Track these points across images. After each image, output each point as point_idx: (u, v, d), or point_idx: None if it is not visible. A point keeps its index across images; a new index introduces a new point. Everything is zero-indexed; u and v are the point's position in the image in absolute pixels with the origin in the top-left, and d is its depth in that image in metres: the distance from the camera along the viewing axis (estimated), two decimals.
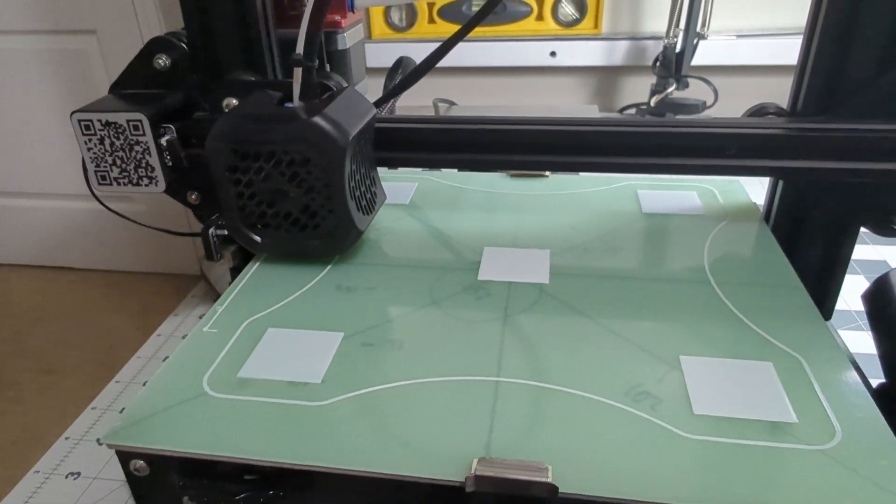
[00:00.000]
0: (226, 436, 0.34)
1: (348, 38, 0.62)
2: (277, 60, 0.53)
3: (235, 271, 0.58)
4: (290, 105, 0.47)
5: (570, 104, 1.26)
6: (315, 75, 0.47)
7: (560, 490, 0.30)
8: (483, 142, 0.51)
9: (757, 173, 0.49)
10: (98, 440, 0.54)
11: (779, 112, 0.50)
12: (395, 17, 1.23)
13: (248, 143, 0.45)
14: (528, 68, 1.25)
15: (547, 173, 0.63)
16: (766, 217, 0.55)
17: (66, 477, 0.52)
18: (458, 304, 0.45)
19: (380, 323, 0.43)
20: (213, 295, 0.86)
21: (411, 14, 1.23)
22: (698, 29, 1.10)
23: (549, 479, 0.31)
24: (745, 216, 0.55)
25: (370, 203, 0.51)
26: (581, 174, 0.67)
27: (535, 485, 0.31)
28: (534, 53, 1.22)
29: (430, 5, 1.21)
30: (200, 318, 0.46)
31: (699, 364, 0.38)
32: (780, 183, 0.53)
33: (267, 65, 0.52)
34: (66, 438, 0.57)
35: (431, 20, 1.23)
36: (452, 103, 1.24)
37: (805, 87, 0.49)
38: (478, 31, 1.27)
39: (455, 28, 0.49)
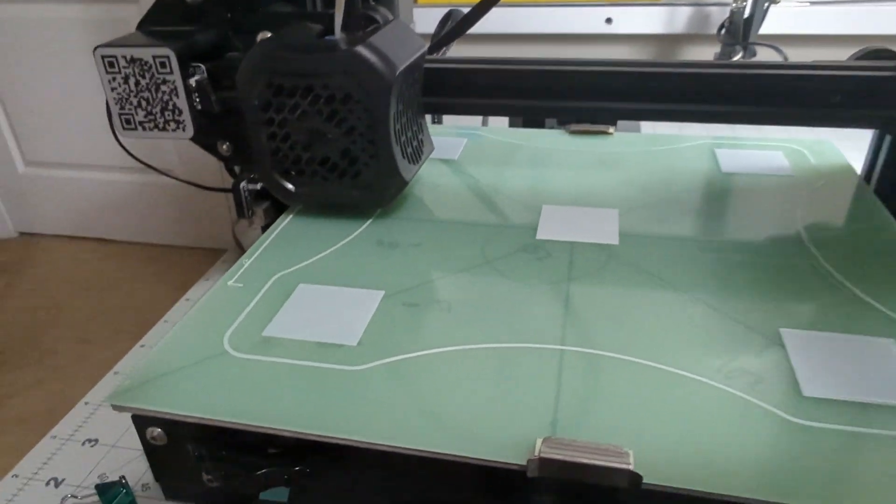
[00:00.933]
0: (247, 400, 0.30)
1: None
2: None
3: (266, 230, 0.54)
4: (330, 38, 0.42)
5: None
6: (359, 5, 0.42)
7: (643, 480, 0.25)
8: (544, 86, 0.46)
9: (864, 125, 0.42)
10: (113, 405, 0.49)
11: (892, 56, 0.43)
12: None
13: (283, 76, 0.41)
14: (581, 36, 1.20)
15: (611, 129, 0.57)
16: (867, 180, 0.48)
17: (83, 444, 0.49)
18: (515, 265, 0.39)
19: (425, 282, 0.38)
20: None
21: None
22: None
23: (631, 466, 0.25)
24: (843, 178, 0.48)
25: (416, 151, 0.46)
26: (646, 132, 0.61)
27: (614, 472, 0.25)
28: (588, 20, 1.16)
29: None
30: None
31: (805, 338, 0.32)
32: (887, 139, 0.46)
33: None
34: (86, 403, 0.54)
35: None
36: None
37: None
38: None
39: None
